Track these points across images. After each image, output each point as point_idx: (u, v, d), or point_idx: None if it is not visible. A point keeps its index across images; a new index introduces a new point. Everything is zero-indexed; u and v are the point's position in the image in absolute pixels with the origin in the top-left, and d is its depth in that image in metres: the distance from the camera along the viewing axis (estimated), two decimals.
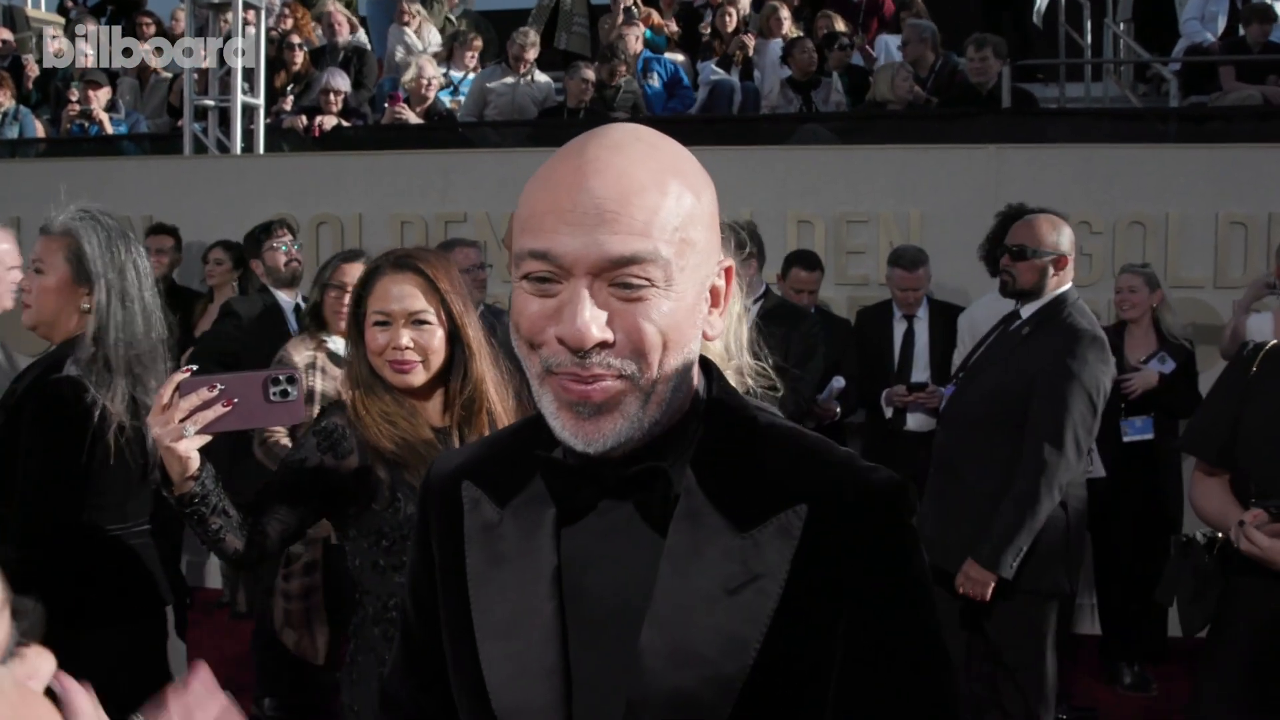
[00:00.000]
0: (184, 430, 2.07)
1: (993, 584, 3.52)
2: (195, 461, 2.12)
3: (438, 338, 2.40)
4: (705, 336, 1.14)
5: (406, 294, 2.38)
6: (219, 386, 2.10)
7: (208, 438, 2.11)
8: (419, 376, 2.39)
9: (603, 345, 1.05)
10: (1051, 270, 3.70)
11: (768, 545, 1.09)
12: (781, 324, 4.56)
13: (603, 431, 1.08)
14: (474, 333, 2.43)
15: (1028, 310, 3.77)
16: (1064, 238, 3.74)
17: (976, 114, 6.84)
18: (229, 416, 2.11)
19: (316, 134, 7.56)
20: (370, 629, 2.38)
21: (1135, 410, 4.98)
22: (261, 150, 7.38)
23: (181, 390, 2.08)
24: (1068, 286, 3.77)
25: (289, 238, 5.24)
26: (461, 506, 1.24)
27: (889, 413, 5.30)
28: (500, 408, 2.47)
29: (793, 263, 5.33)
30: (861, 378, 5.32)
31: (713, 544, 1.10)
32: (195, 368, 2.17)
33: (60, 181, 7.27)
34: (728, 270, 1.18)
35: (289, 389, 2.15)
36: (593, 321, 1.04)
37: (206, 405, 2.08)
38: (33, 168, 7.54)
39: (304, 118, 7.76)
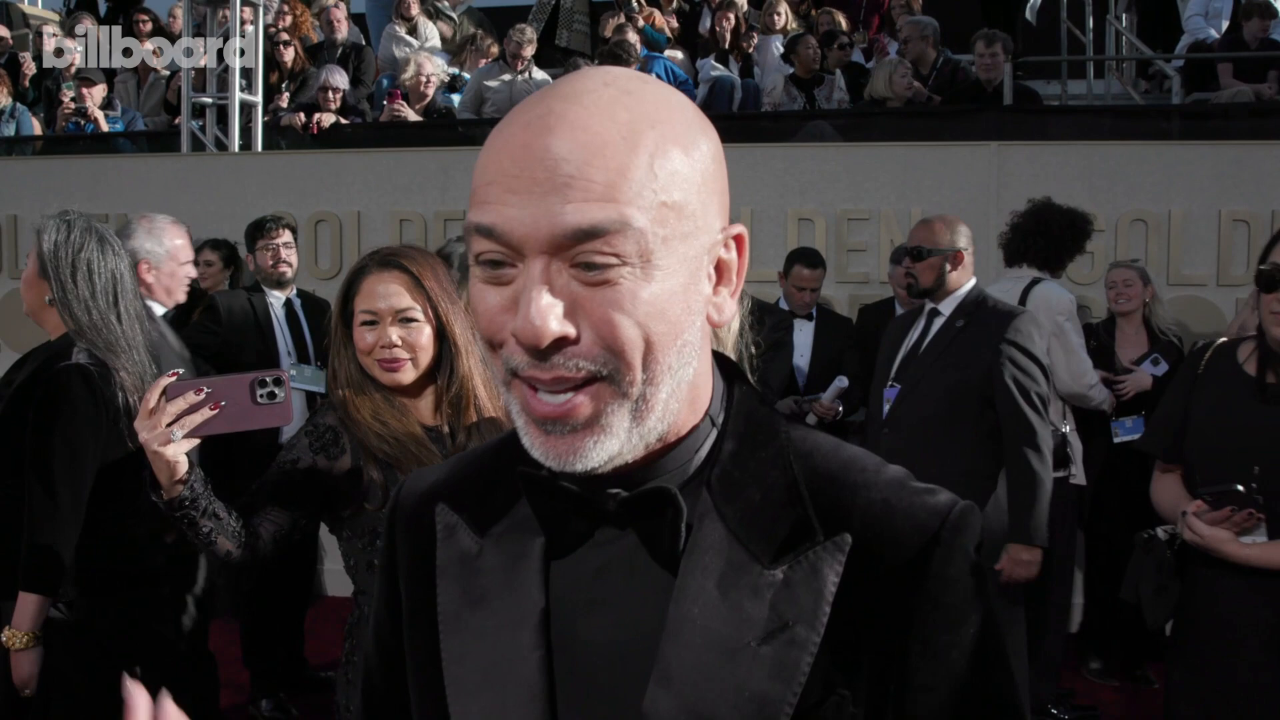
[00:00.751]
0: (171, 434, 2.07)
1: (1040, 557, 3.76)
2: (183, 465, 2.11)
3: (425, 335, 2.39)
4: (711, 322, 0.94)
5: (393, 292, 2.38)
6: (206, 390, 2.10)
7: (195, 441, 2.11)
8: (408, 374, 2.39)
9: (565, 341, 0.86)
10: (949, 267, 3.95)
11: (802, 585, 0.91)
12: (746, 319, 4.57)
13: (580, 449, 0.88)
14: (460, 329, 2.43)
15: (947, 306, 3.96)
16: (960, 235, 3.99)
17: (978, 111, 6.84)
18: (216, 419, 2.11)
19: (315, 130, 7.53)
20: (365, 628, 2.36)
21: (1126, 410, 4.96)
22: (259, 148, 7.36)
23: (168, 394, 2.08)
24: (974, 281, 4.03)
25: (284, 239, 5.12)
26: (434, 533, 1.05)
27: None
28: (490, 404, 2.46)
29: (795, 260, 5.30)
30: (863, 376, 5.29)
31: (734, 583, 0.91)
32: (182, 371, 2.18)
33: (57, 180, 7.28)
34: (738, 239, 0.95)
35: (276, 391, 2.15)
36: (549, 311, 0.85)
37: (193, 409, 2.09)
38: (30, 165, 7.52)
39: (302, 115, 7.73)
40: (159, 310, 3.97)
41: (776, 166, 6.26)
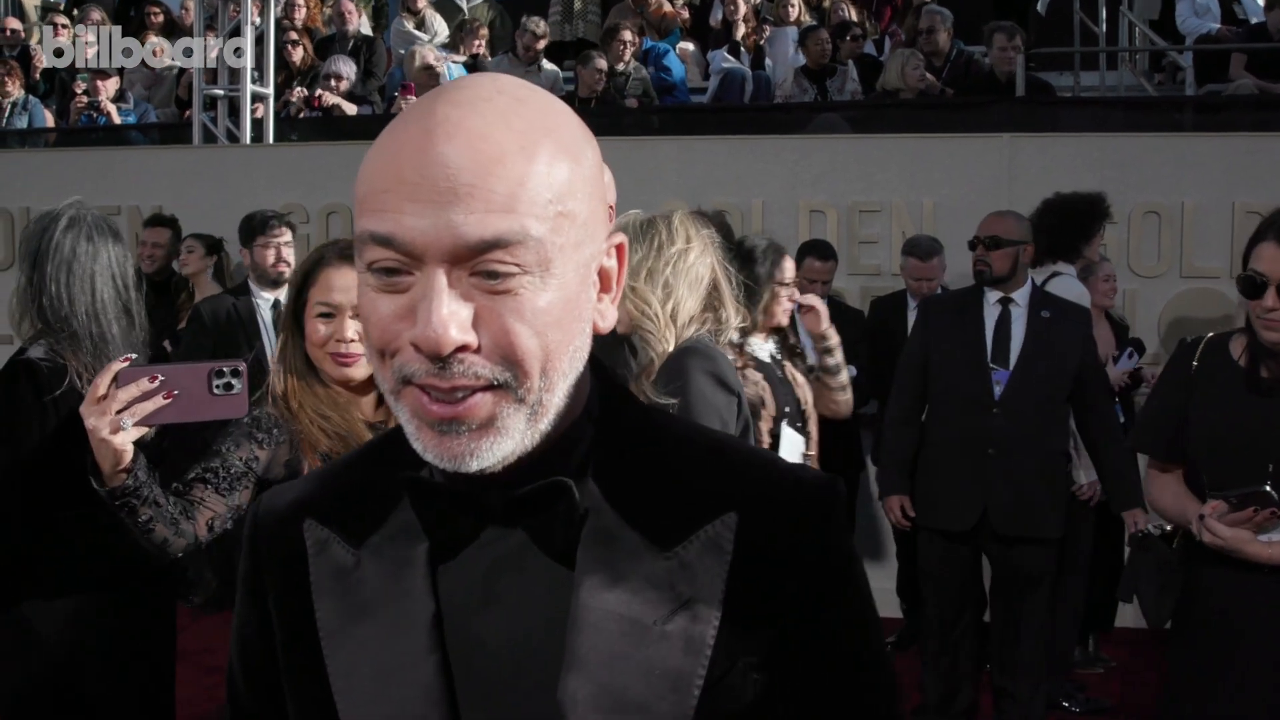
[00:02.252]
0: (121, 422, 2.00)
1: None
2: (129, 454, 2.04)
3: None
4: (596, 329, 0.96)
5: (353, 285, 2.33)
6: (159, 378, 2.03)
7: (145, 430, 2.04)
8: (362, 369, 2.36)
9: (465, 349, 0.86)
10: (1022, 258, 4.21)
11: (696, 563, 0.94)
12: None
13: (475, 450, 0.89)
14: None
15: (1021, 297, 4.21)
16: (1028, 229, 4.29)
17: (990, 103, 6.82)
18: (169, 409, 2.04)
19: (317, 104, 7.55)
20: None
21: None
22: (271, 140, 7.36)
23: (119, 380, 2.01)
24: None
25: (285, 238, 5.03)
26: (304, 550, 1.03)
27: None
28: None
29: (806, 252, 5.29)
30: (875, 369, 5.28)
31: (633, 568, 0.94)
32: (135, 356, 2.13)
33: (69, 172, 7.29)
34: (619, 248, 0.99)
35: (234, 382, 2.09)
36: (451, 320, 0.85)
37: (145, 396, 2.01)
38: (42, 157, 7.53)
39: (304, 90, 7.76)
40: None
41: (788, 158, 6.24)
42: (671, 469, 0.99)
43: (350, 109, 7.92)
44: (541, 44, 8.02)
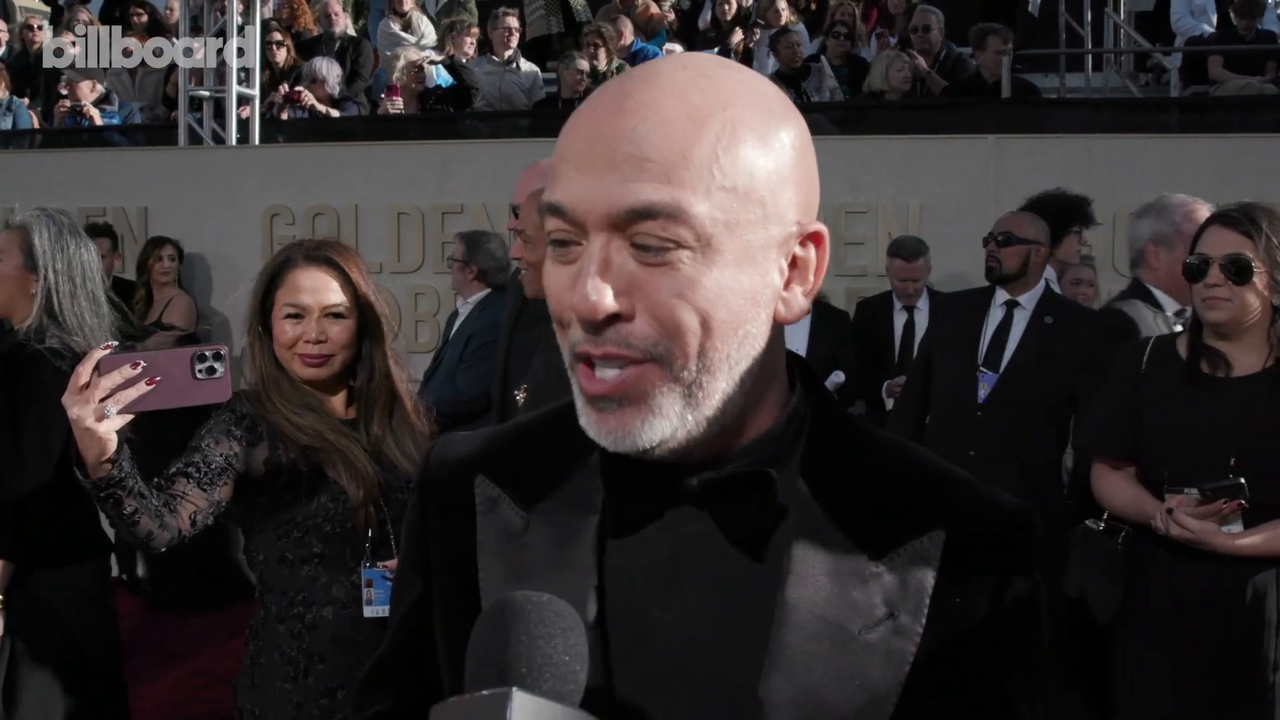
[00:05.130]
0: (105, 410, 1.95)
1: None
2: (114, 443, 1.99)
3: (350, 331, 2.37)
4: (778, 317, 0.92)
5: (321, 286, 2.35)
6: (142, 364, 2.00)
7: (129, 418, 2.00)
8: (330, 370, 2.37)
9: (619, 318, 0.86)
10: (1033, 258, 4.08)
11: (905, 576, 0.92)
12: None
13: (630, 428, 0.88)
14: (385, 326, 2.43)
15: (1028, 300, 4.08)
16: (1042, 231, 4.13)
17: (976, 104, 6.83)
18: (152, 395, 2.01)
19: (296, 98, 7.54)
20: (275, 626, 2.33)
21: None
22: (257, 141, 7.34)
23: (102, 368, 1.97)
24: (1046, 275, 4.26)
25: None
26: (473, 506, 1.02)
27: (890, 404, 5.27)
28: (410, 403, 2.46)
29: None
30: (861, 370, 5.29)
31: (842, 571, 0.92)
32: (115, 343, 2.11)
33: (55, 174, 7.26)
34: (816, 236, 0.94)
35: (216, 366, 2.07)
36: (602, 288, 0.85)
37: (128, 383, 1.98)
38: (27, 159, 7.49)
39: (285, 87, 7.77)
40: (1167, 308, 3.57)
41: None
42: (879, 478, 0.96)
43: (332, 112, 7.91)
44: (511, 21, 8.00)
